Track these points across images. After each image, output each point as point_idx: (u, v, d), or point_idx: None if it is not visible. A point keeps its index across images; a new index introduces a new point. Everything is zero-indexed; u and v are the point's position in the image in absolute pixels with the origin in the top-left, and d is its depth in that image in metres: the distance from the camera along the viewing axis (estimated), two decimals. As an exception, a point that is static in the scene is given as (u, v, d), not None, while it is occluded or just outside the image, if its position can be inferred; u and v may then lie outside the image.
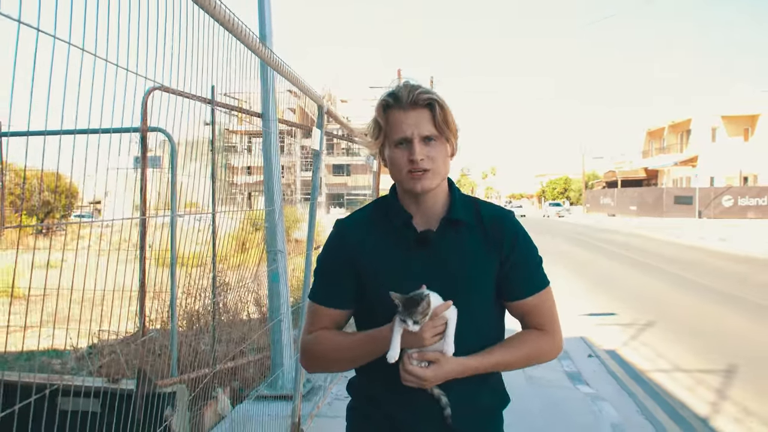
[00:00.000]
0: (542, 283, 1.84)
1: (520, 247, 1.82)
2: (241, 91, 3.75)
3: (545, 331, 1.83)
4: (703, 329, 9.12)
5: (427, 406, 1.75)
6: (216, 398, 4.94)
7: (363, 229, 1.86)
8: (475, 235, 1.81)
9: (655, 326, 9.29)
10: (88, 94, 2.00)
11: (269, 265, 5.30)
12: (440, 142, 1.77)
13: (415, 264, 1.77)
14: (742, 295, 11.78)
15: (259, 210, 5.96)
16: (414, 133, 1.73)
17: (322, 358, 1.87)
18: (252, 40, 2.84)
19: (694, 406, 5.83)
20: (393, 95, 1.78)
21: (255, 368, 6.08)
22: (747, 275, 14.84)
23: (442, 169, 1.78)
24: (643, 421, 5.38)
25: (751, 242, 23.89)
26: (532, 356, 1.81)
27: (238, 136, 9.20)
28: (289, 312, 5.40)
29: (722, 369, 6.99)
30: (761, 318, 9.79)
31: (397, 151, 1.77)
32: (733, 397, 6.05)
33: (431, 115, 1.74)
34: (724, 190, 43.93)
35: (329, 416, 5.09)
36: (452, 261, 1.78)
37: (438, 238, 1.79)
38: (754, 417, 5.51)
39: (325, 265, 1.89)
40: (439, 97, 1.76)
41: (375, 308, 1.80)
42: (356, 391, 1.94)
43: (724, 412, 5.66)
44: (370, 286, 1.80)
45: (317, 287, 1.90)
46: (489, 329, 1.82)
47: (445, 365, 1.66)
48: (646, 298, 11.85)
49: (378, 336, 1.72)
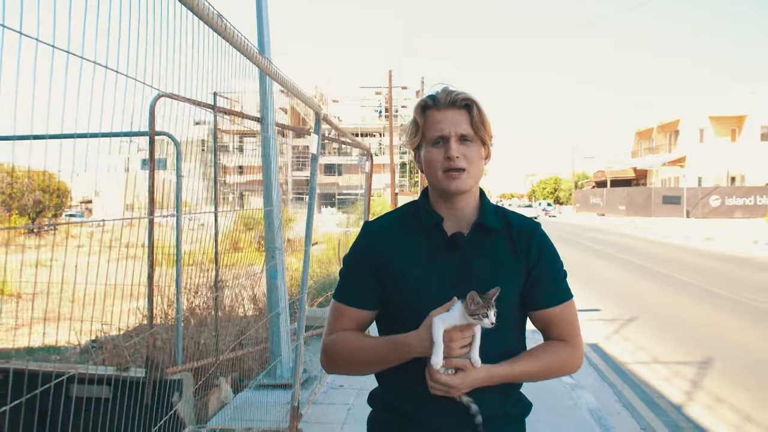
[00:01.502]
0: (566, 295, 1.86)
1: (546, 259, 1.83)
2: (234, 90, 4.02)
3: (567, 342, 1.84)
4: (683, 325, 9.48)
5: (456, 414, 1.74)
6: (219, 386, 5.24)
7: (391, 231, 1.87)
8: (503, 243, 1.83)
9: (638, 322, 9.65)
10: (100, 102, 2.10)
11: (268, 262, 5.60)
12: (476, 143, 1.80)
13: (443, 267, 1.78)
14: (723, 293, 12.17)
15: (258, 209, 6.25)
16: (451, 131, 1.76)
17: (343, 360, 1.85)
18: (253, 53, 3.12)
19: (669, 395, 6.17)
20: (432, 97, 1.81)
21: (253, 360, 6.38)
22: (729, 273, 15.24)
23: (476, 170, 1.81)
24: (620, 408, 5.72)
25: (735, 241, 24.36)
26: (554, 367, 1.82)
27: (229, 135, 9.45)
28: (286, 306, 5.70)
29: (698, 361, 7.35)
30: (739, 313, 10.17)
31: (433, 150, 1.79)
32: (707, 387, 6.40)
33: (468, 115, 1.78)
34: (712, 190, 44.48)
35: (325, 403, 5.40)
36: (480, 266, 1.78)
37: (468, 243, 1.80)
38: (726, 404, 5.86)
39: (351, 266, 1.89)
40: (477, 100, 1.80)
41: (399, 311, 1.80)
42: (379, 402, 1.91)
43: (697, 401, 6.01)
44: (396, 287, 1.80)
45: (342, 287, 1.90)
46: (512, 338, 1.83)
47: (472, 372, 1.66)
48: (630, 296, 12.21)
49: (401, 341, 1.71)
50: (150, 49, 2.32)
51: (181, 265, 4.85)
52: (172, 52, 2.49)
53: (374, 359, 1.78)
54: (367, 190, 8.38)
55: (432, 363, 1.62)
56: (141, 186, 4.83)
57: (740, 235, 27.01)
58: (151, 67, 2.34)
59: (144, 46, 2.27)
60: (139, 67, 2.25)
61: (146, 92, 2.36)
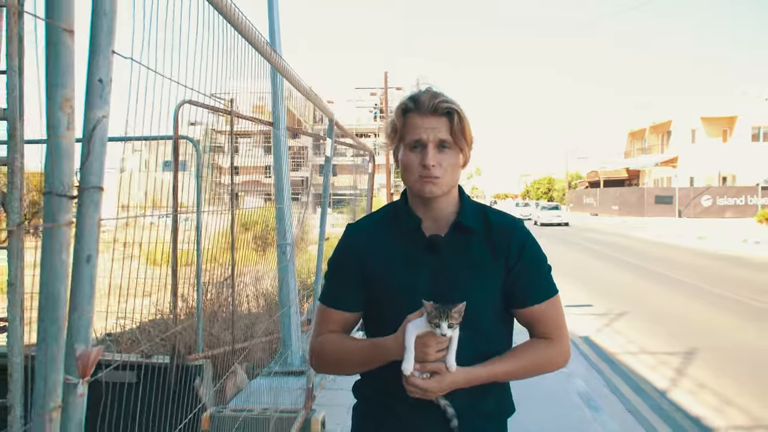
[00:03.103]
0: (550, 291, 1.84)
1: (527, 256, 1.81)
2: (229, 91, 4.32)
3: (552, 339, 1.83)
4: (671, 318, 9.91)
5: (434, 411, 1.75)
6: (235, 373, 5.61)
7: (372, 233, 1.89)
8: (482, 243, 1.81)
9: (628, 316, 10.08)
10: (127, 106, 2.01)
11: (279, 256, 5.97)
12: (454, 150, 1.77)
13: (422, 269, 1.79)
14: (714, 290, 12.61)
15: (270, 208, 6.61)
16: (429, 137, 1.74)
17: (329, 362, 1.89)
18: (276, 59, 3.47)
19: (655, 382, 6.58)
20: (414, 99, 1.78)
21: (264, 351, 6.75)
22: (720, 271, 15.70)
23: (452, 177, 1.80)
24: (608, 393, 6.12)
25: (726, 240, 24.85)
26: (538, 365, 1.82)
27: (225, 136, 9.75)
28: (296, 299, 6.08)
29: (683, 351, 7.76)
30: (726, 308, 10.61)
31: (410, 154, 1.78)
32: (691, 375, 6.81)
33: (449, 123, 1.75)
34: (704, 190, 45.02)
35: (333, 389, 5.79)
36: (458, 268, 1.78)
37: (446, 244, 1.80)
38: (707, 390, 6.27)
39: (334, 269, 1.92)
40: (460, 107, 1.77)
41: (381, 312, 1.82)
42: (361, 393, 1.96)
43: (681, 387, 6.42)
44: (377, 289, 1.82)
45: (326, 290, 1.92)
46: (495, 338, 1.82)
47: (448, 376, 1.66)
48: (621, 292, 12.63)
49: (381, 345, 1.73)
50: (176, 58, 2.27)
51: (201, 261, 5.21)
52: (200, 58, 2.53)
53: (358, 361, 1.81)
54: (369, 189, 8.77)
55: (402, 368, 1.63)
56: (135, 187, 5.12)
57: (730, 234, 27.50)
58: (177, 72, 2.28)
59: (176, 56, 2.22)
60: (166, 71, 2.16)
61: (172, 96, 2.31)
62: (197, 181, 5.26)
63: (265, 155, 8.07)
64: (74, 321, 1.13)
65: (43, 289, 1.10)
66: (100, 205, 1.14)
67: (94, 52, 1.13)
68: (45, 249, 1.09)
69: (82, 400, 1.16)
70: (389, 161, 35.39)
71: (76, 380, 1.12)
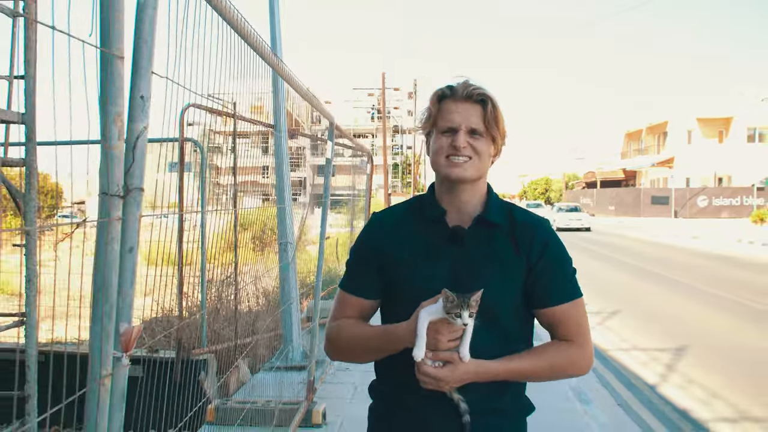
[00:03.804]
0: (573, 293, 1.81)
1: (549, 255, 1.80)
2: (228, 92, 4.49)
3: (573, 342, 1.79)
4: (663, 317, 10.12)
5: (446, 404, 1.74)
6: (237, 367, 5.80)
7: (396, 223, 1.89)
8: (505, 239, 1.80)
9: (621, 314, 10.28)
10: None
11: (280, 255, 6.16)
12: (486, 139, 1.79)
13: (444, 260, 1.78)
14: (708, 289, 12.83)
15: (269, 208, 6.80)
16: (462, 123, 1.75)
17: (344, 347, 1.90)
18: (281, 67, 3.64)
19: (646, 377, 6.78)
20: (450, 87, 1.80)
21: (265, 347, 6.93)
22: (713, 271, 15.92)
23: (482, 163, 1.80)
24: (599, 387, 6.32)
25: (721, 240, 25.11)
26: (557, 368, 1.78)
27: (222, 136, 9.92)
28: (297, 296, 6.26)
29: (674, 348, 7.96)
30: (718, 306, 10.83)
31: (442, 138, 1.78)
32: (680, 370, 7.01)
33: (482, 111, 1.76)
34: (699, 190, 45.32)
35: (334, 383, 5.97)
36: (480, 261, 1.77)
37: (469, 236, 1.79)
38: (696, 384, 6.47)
39: (356, 256, 1.93)
40: (493, 96, 1.79)
41: (400, 301, 1.80)
42: (377, 392, 1.94)
43: (670, 382, 6.62)
44: (397, 277, 1.81)
45: (347, 277, 1.94)
46: (514, 335, 1.80)
47: (460, 366, 1.64)
48: (615, 290, 12.84)
49: (393, 331, 1.73)
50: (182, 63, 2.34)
51: (205, 259, 5.40)
52: (207, 61, 2.55)
53: (371, 348, 1.81)
54: (368, 190, 8.96)
55: (413, 354, 1.61)
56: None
57: (725, 234, 27.75)
58: (184, 75, 2.24)
59: (181, 61, 2.18)
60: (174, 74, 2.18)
61: (179, 99, 2.26)
62: (202, 182, 5.44)
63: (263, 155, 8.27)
64: (119, 303, 1.31)
65: (98, 274, 1.28)
66: (140, 204, 1.33)
67: (136, 73, 1.32)
68: (99, 241, 1.27)
69: (125, 370, 1.34)
70: (386, 162, 35.61)
71: (120, 354, 1.31)
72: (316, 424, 4.88)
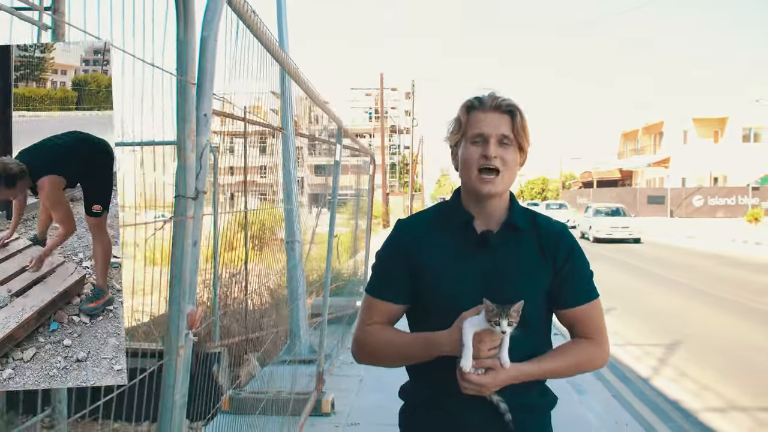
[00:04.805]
0: (593, 294, 1.91)
1: (574, 259, 1.89)
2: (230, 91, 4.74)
3: (593, 339, 1.88)
4: (657, 313, 10.43)
5: (486, 406, 1.79)
6: (248, 361, 6.05)
7: (423, 229, 1.92)
8: (531, 244, 1.87)
9: (615, 311, 10.53)
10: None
11: (288, 253, 6.40)
12: (514, 147, 1.84)
13: (473, 265, 1.82)
14: (699, 286, 13.15)
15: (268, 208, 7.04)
16: (492, 132, 1.80)
17: (374, 352, 1.91)
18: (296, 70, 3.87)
19: (639, 371, 7.06)
20: (478, 99, 1.85)
21: (272, 343, 7.18)
22: (708, 269, 16.23)
23: (510, 174, 1.85)
24: (594, 380, 6.56)
25: (716, 240, 25.42)
26: (581, 364, 1.88)
27: (220, 136, 10.10)
28: (304, 292, 6.51)
29: (667, 343, 8.24)
30: (713, 305, 11.14)
31: (472, 147, 1.82)
32: (673, 364, 7.28)
33: (511, 120, 1.82)
34: (695, 190, 45.66)
35: (340, 375, 6.24)
36: (509, 265, 1.83)
37: (497, 241, 1.84)
38: (687, 378, 6.74)
39: (382, 261, 1.95)
40: (521, 107, 1.85)
41: (429, 306, 1.85)
42: (410, 395, 1.97)
43: (663, 375, 6.89)
44: (427, 284, 1.84)
45: (374, 281, 1.96)
46: (541, 336, 1.89)
47: (501, 372, 1.70)
48: (609, 289, 13.08)
49: (434, 340, 1.76)
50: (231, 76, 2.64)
51: (217, 256, 5.64)
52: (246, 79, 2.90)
53: (403, 354, 1.85)
54: (370, 190, 9.21)
55: (461, 365, 1.67)
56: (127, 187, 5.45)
57: (720, 234, 28.07)
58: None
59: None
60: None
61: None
62: (215, 183, 5.67)
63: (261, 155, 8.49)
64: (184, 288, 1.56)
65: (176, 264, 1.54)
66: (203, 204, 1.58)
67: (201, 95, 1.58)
68: (176, 236, 1.53)
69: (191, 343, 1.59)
70: (384, 162, 35.88)
71: (186, 330, 1.56)
72: (325, 413, 5.14)
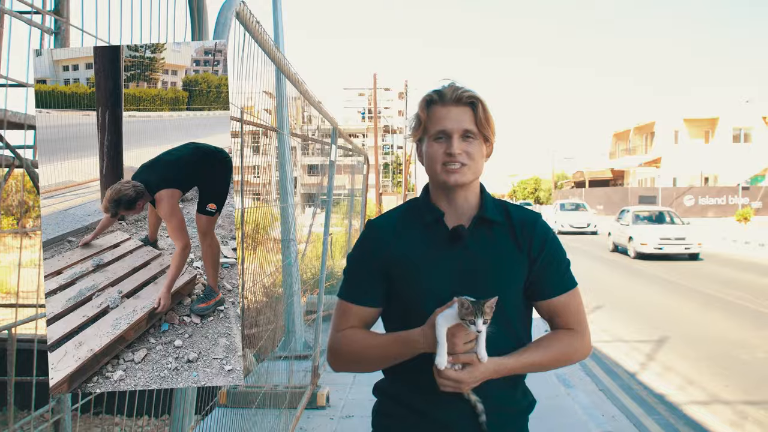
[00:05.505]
0: (571, 283, 1.86)
1: (549, 249, 1.83)
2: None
3: (574, 330, 1.83)
4: (645, 311, 10.62)
5: (466, 408, 1.74)
6: (244, 356, 6.18)
7: (394, 228, 1.86)
8: (505, 236, 1.82)
9: (604, 308, 10.75)
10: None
11: (283, 251, 6.53)
12: (479, 140, 1.78)
13: (447, 262, 1.77)
14: (686, 284, 13.35)
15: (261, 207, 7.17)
16: (454, 127, 1.75)
17: (350, 358, 1.84)
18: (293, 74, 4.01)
19: (626, 366, 7.24)
20: (437, 92, 1.80)
21: (267, 339, 7.31)
22: (696, 267, 16.45)
23: (477, 166, 1.80)
24: (583, 375, 6.75)
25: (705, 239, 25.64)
26: (562, 356, 1.82)
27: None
28: (299, 290, 6.65)
29: (654, 339, 8.42)
30: (698, 301, 11.36)
31: (434, 144, 1.78)
32: (659, 359, 7.47)
33: (473, 113, 1.76)
34: (686, 190, 45.97)
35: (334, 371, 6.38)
36: (484, 259, 1.78)
37: (470, 236, 1.79)
38: (673, 372, 6.92)
39: (355, 264, 1.89)
40: (483, 98, 1.79)
41: (404, 307, 1.81)
42: (384, 393, 1.92)
43: (649, 369, 7.07)
44: (400, 283, 1.80)
45: (346, 285, 1.89)
46: (519, 329, 1.83)
47: (479, 367, 1.65)
48: (599, 287, 13.30)
49: (408, 338, 1.71)
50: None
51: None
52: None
53: (380, 356, 1.78)
54: (364, 190, 9.35)
55: (436, 363, 1.63)
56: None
57: (711, 233, 28.31)
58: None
59: None
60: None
61: None
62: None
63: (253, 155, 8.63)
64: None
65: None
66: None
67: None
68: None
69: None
70: (378, 162, 36.01)
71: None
72: (320, 406, 5.29)
